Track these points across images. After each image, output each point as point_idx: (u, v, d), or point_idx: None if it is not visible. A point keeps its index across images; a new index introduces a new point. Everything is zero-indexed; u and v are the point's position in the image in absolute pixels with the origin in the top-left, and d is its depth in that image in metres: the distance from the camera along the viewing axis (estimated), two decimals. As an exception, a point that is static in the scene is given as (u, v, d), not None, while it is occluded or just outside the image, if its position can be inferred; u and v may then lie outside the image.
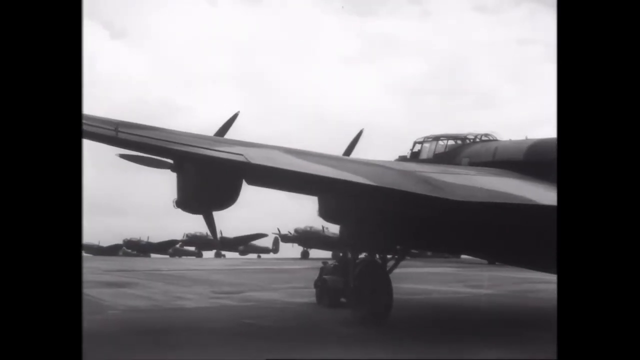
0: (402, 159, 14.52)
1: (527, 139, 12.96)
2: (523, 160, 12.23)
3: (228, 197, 11.04)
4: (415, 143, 14.54)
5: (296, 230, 58.18)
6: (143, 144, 9.15)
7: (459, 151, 13.70)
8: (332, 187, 10.43)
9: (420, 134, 14.55)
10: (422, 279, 24.97)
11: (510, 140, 13.50)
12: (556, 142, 12.51)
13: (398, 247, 13.58)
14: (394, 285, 19.28)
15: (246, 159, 9.19)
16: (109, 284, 21.31)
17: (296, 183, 10.65)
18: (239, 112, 11.73)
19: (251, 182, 10.76)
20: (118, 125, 8.71)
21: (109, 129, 8.57)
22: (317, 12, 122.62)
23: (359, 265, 13.12)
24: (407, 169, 11.13)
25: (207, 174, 10.68)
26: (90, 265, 32.62)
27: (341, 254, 14.51)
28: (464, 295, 18.69)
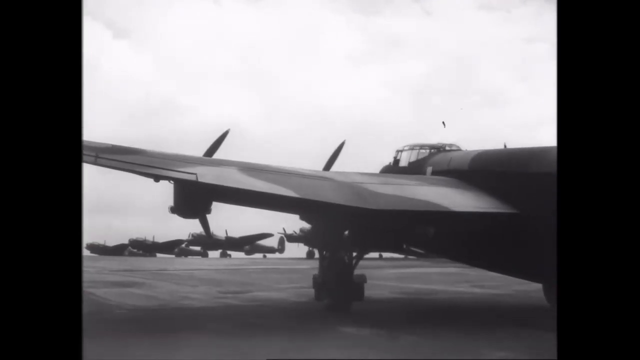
0: (387, 166, 16.36)
1: (474, 150, 14.63)
2: (467, 170, 13.82)
3: (202, 208, 12.92)
4: (397, 151, 16.18)
5: (302, 230, 58.16)
6: (118, 168, 11.07)
7: (426, 160, 15.42)
8: (268, 200, 12.04)
9: (426, 134, 15.53)
10: (429, 279, 24.94)
11: (464, 150, 15.17)
12: (497, 153, 13.49)
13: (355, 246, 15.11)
14: (402, 285, 19.87)
15: (196, 177, 10.98)
16: (115, 284, 21.39)
17: (243, 198, 12.33)
18: (228, 130, 13.57)
19: (215, 198, 12.69)
20: (98, 151, 10.69)
21: (90, 155, 10.41)
22: (321, 11, 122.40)
23: (326, 262, 14.66)
24: (347, 181, 12.58)
25: (183, 189, 12.34)
26: (96, 265, 32.77)
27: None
28: (470, 295, 18.67)
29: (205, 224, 14.06)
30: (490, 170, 13.26)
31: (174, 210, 12.80)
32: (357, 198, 11.69)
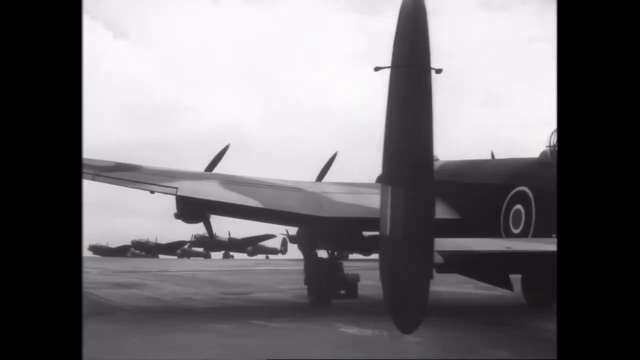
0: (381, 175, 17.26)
1: (441, 161, 16.06)
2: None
3: (195, 216, 14.66)
4: None
5: (304, 232, 57.90)
6: (114, 184, 12.83)
7: None
8: (238, 210, 13.48)
9: None
10: (434, 280, 24.74)
11: (436, 161, 15.97)
12: (454, 164, 15.73)
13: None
14: None
15: (176, 191, 12.70)
16: (118, 285, 21.38)
17: (219, 209, 13.86)
18: (229, 145, 15.18)
19: (201, 209, 14.18)
20: (101, 169, 12.65)
21: (89, 173, 12.28)
22: (321, 10, 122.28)
23: (310, 261, 15.98)
24: (315, 191, 14.04)
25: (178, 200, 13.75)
26: (99, 266, 32.70)
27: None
28: (472, 296, 18.65)
29: (208, 227, 15.72)
30: (446, 180, 14.73)
31: (177, 216, 14.41)
32: (316, 207, 13.10)
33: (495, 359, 8.61)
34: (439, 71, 6.10)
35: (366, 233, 15.64)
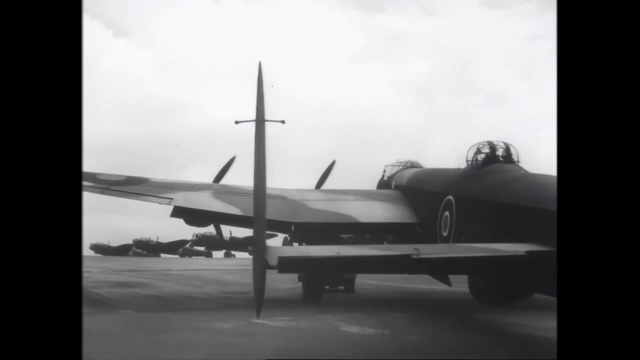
0: (380, 180, 19.06)
1: (416, 169, 17.42)
2: (406, 186, 16.56)
3: (202, 222, 16.00)
4: (385, 166, 19.06)
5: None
6: (120, 196, 14.40)
7: (393, 176, 18.16)
8: (222, 218, 14.86)
9: (429, 134, 17.46)
10: (433, 280, 24.65)
11: (415, 168, 17.74)
12: (421, 172, 17.22)
13: None
14: (406, 285, 20.65)
15: (169, 202, 14.18)
16: (120, 284, 21.40)
17: (209, 217, 15.15)
18: (235, 156, 16.56)
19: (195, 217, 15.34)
20: (112, 183, 14.42)
21: (100, 187, 14.26)
22: (321, 9, 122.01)
23: None
24: (296, 199, 15.20)
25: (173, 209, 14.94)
26: (101, 265, 32.75)
27: None
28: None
29: (218, 229, 17.07)
30: (412, 187, 16.09)
31: (185, 222, 15.47)
32: (289, 214, 14.28)
33: (495, 359, 8.61)
34: (282, 122, 8.11)
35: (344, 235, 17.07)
